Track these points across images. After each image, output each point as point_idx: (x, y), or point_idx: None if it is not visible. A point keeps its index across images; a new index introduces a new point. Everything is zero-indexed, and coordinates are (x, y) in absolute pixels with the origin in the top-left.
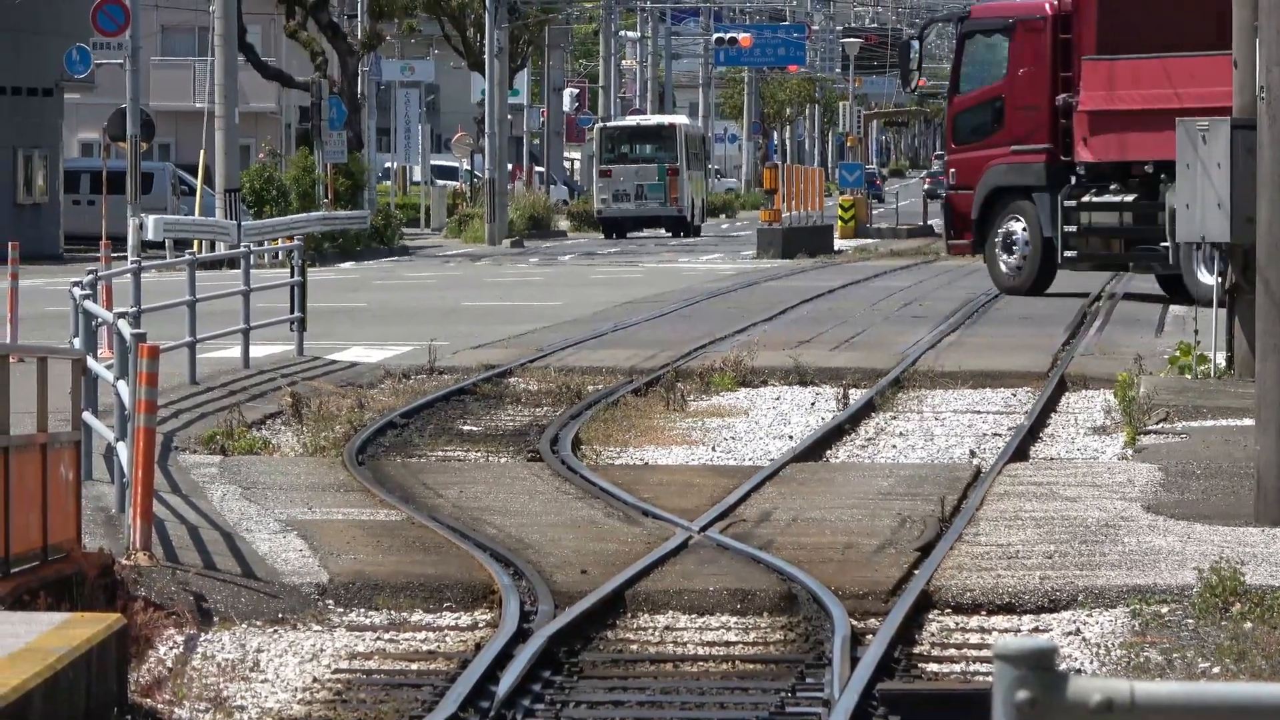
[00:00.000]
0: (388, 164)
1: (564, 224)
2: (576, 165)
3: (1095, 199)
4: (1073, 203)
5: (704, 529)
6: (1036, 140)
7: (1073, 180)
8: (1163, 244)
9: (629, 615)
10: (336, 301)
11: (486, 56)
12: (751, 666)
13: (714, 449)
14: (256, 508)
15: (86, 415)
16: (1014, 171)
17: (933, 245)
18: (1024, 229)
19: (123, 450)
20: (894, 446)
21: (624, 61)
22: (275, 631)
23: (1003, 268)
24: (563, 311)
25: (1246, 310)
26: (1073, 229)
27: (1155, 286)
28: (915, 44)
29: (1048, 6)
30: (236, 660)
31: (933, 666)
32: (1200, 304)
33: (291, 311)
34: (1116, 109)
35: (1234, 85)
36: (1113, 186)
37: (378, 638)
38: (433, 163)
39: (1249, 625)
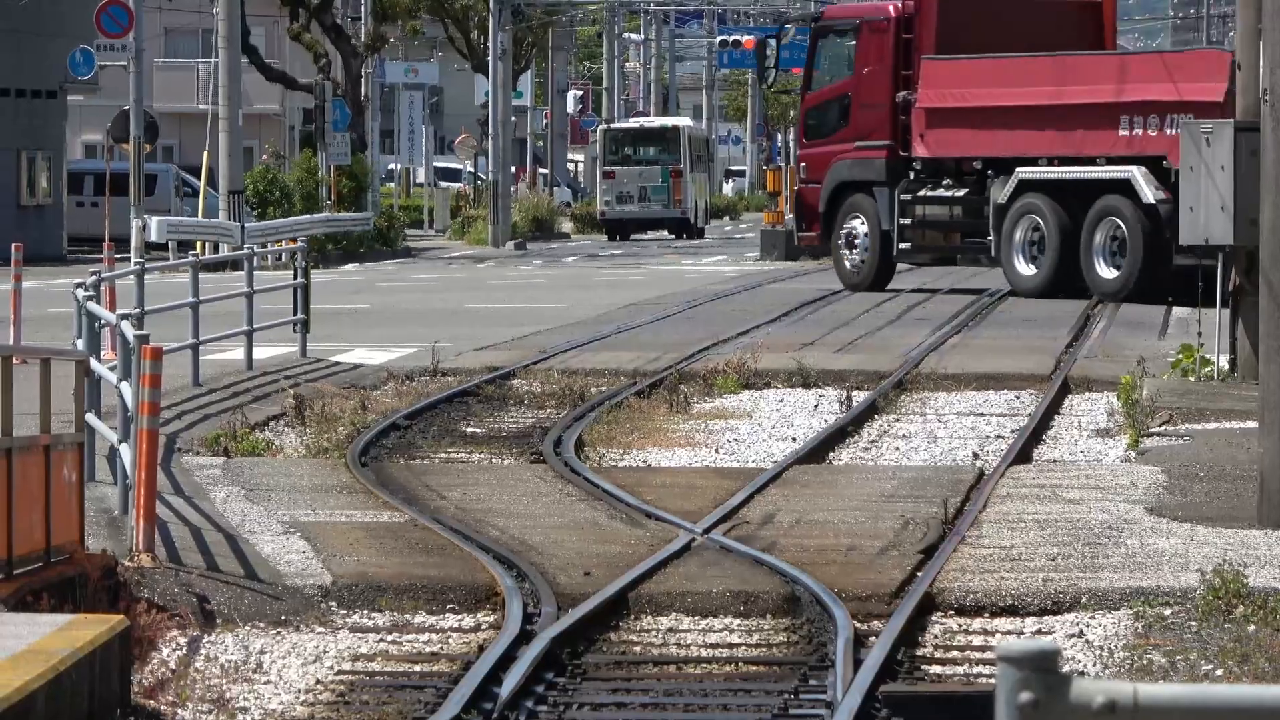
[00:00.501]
0: (391, 166)
1: (567, 226)
2: (580, 167)
3: (929, 193)
4: (908, 196)
5: (707, 531)
6: (878, 136)
7: (910, 175)
8: (988, 237)
9: (632, 617)
10: (340, 303)
11: (490, 58)
12: (754, 668)
13: (717, 451)
14: (259, 509)
15: (89, 417)
16: (857, 166)
17: None
18: (864, 226)
19: (125, 452)
20: (897, 449)
21: (627, 64)
22: (278, 633)
23: (846, 264)
24: (566, 313)
25: (1249, 313)
26: (907, 222)
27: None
28: (772, 43)
29: (891, 9)
30: (239, 662)
31: (936, 668)
32: (1021, 293)
33: (295, 313)
34: (950, 106)
35: (1238, 87)
36: (945, 182)
37: (381, 639)
38: (436, 165)
39: (1252, 627)
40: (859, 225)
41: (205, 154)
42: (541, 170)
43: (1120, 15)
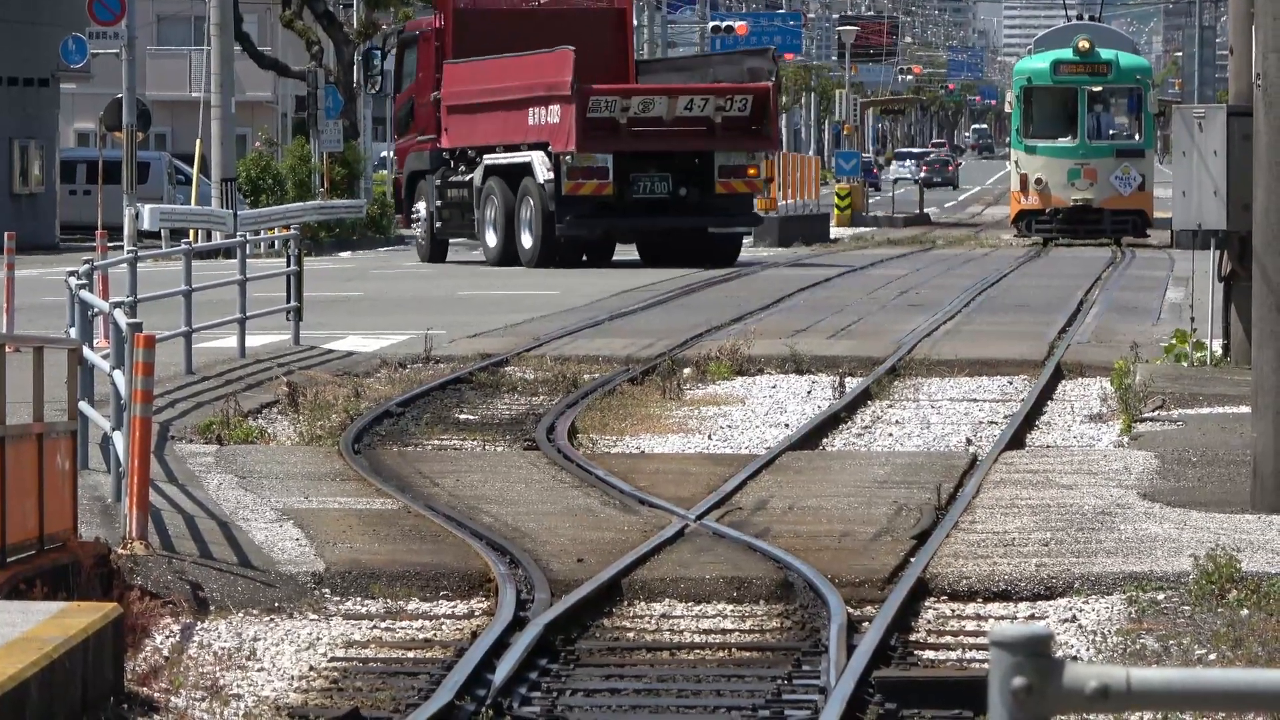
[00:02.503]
0: (384, 153)
1: None
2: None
3: (451, 179)
4: (439, 182)
5: (700, 517)
6: (429, 131)
7: (449, 164)
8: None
9: (625, 603)
10: (333, 291)
11: None
12: (748, 654)
13: (710, 437)
14: (253, 497)
15: (83, 405)
16: (419, 158)
17: (929, 234)
18: (425, 208)
19: (119, 440)
20: (890, 435)
21: None
22: (271, 620)
23: (420, 240)
24: (559, 300)
25: (1243, 298)
26: (440, 204)
27: (1154, 270)
28: (376, 53)
29: (437, 20)
30: (233, 649)
31: (929, 654)
32: (489, 264)
33: (288, 301)
34: (457, 103)
35: (1230, 72)
36: (461, 168)
37: (374, 626)
38: None
39: (1245, 612)
40: (421, 208)
41: (198, 142)
42: None
43: (1112, 0)
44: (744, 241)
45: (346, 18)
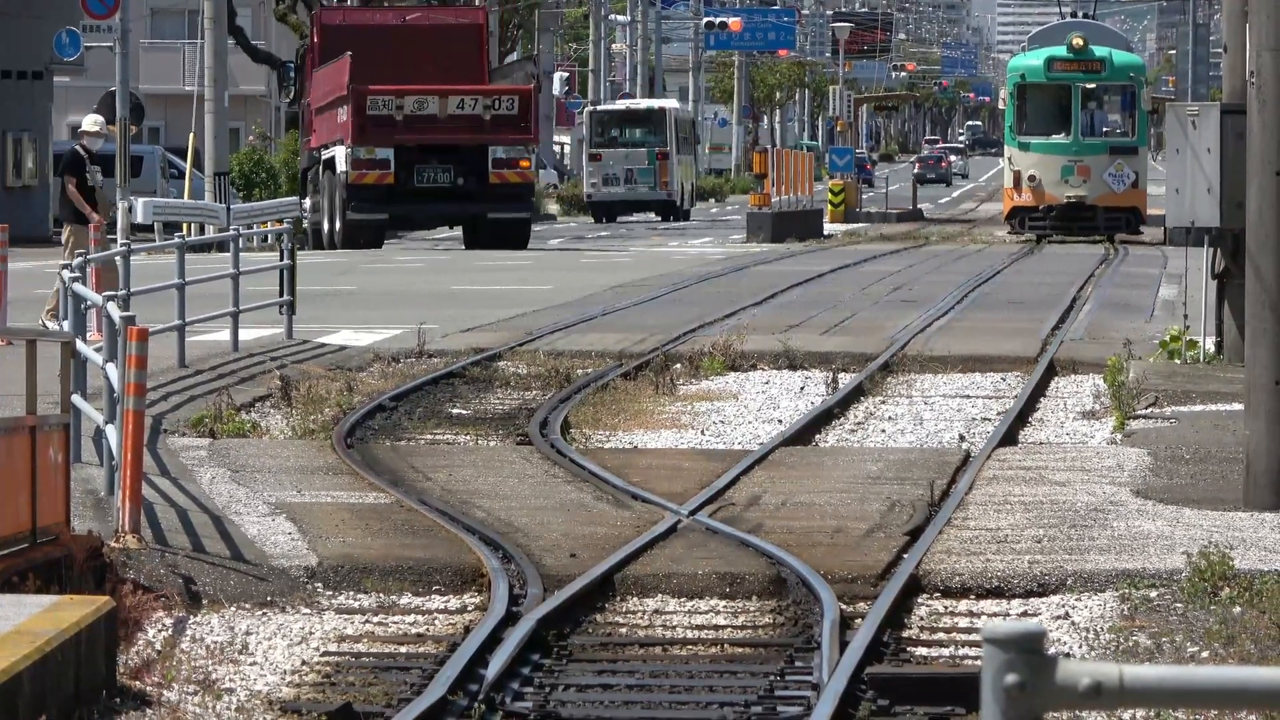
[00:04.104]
0: None
1: (553, 208)
2: (566, 149)
3: (311, 175)
4: (310, 178)
5: (693, 513)
6: (309, 133)
7: (320, 162)
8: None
9: (618, 599)
10: (326, 285)
11: None
12: (740, 650)
13: (703, 433)
14: (245, 490)
15: (75, 398)
16: (305, 157)
17: (923, 230)
18: (310, 201)
19: (112, 433)
20: (883, 431)
21: (614, 45)
22: (264, 614)
23: (307, 230)
24: (552, 295)
25: (1236, 295)
26: (314, 198)
27: (1150, 267)
28: (290, 65)
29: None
30: (225, 643)
31: (922, 650)
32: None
33: (281, 295)
34: (316, 107)
35: (1224, 69)
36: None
37: (366, 621)
38: None
39: (1238, 609)
40: (308, 202)
41: (191, 135)
42: None
43: None
44: (735, 238)
45: None
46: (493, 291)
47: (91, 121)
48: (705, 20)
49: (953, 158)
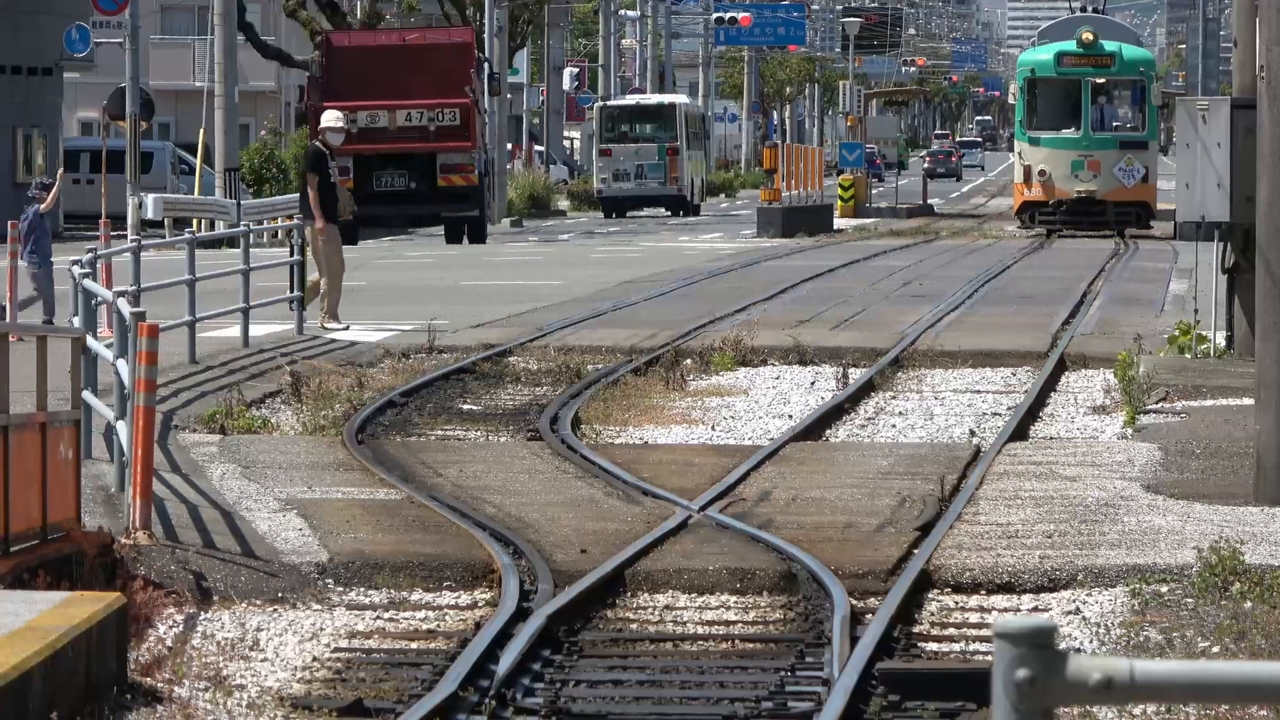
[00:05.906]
0: None
1: (564, 203)
2: (576, 144)
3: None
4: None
5: (704, 508)
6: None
7: None
8: None
9: (629, 594)
10: None
11: (486, 35)
12: (751, 646)
13: (713, 428)
14: (256, 486)
15: (86, 394)
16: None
17: (933, 225)
18: None
19: (122, 429)
20: (894, 426)
21: (624, 41)
22: (275, 610)
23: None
24: (562, 291)
25: (1246, 290)
26: None
27: (1160, 262)
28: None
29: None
30: (236, 639)
31: (932, 646)
32: None
33: (291, 290)
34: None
35: (1234, 64)
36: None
37: (377, 617)
38: None
39: (1248, 604)
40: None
41: (201, 131)
42: (538, 148)
43: None
44: (746, 233)
45: (350, 7)
46: (503, 287)
47: (334, 118)
48: (715, 15)
49: (964, 152)
